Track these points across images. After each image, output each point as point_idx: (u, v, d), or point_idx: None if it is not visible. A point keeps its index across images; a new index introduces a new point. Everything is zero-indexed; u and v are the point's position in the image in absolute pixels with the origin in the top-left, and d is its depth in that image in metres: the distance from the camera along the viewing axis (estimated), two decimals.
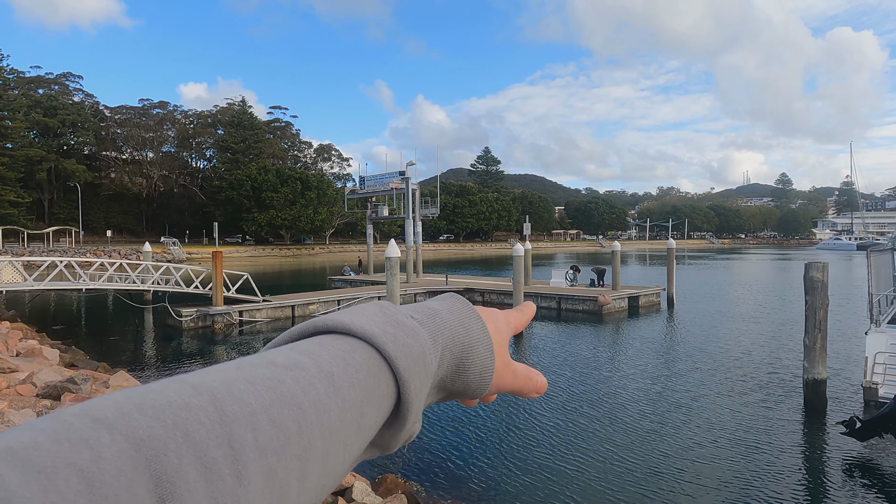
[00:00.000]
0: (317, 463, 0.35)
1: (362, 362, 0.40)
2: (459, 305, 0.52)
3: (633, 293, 27.68)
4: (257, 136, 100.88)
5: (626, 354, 17.55)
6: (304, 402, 0.35)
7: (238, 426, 0.31)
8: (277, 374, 0.36)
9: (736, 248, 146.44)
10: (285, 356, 0.38)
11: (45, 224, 78.82)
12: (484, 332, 0.51)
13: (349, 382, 0.39)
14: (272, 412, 0.33)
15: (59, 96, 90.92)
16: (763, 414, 11.48)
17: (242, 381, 0.34)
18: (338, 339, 0.41)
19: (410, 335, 0.44)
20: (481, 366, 0.50)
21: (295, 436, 0.34)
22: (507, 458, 9.42)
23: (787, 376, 14.27)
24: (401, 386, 0.42)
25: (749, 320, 23.96)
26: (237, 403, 0.32)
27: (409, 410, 0.42)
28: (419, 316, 0.48)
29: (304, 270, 61.80)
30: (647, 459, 9.22)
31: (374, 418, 0.40)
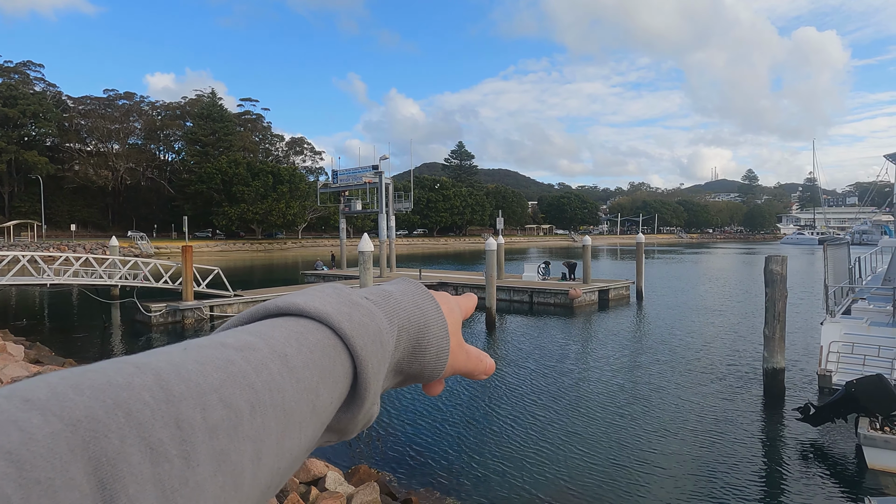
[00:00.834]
0: (271, 445, 0.34)
1: (317, 342, 0.39)
2: (413, 288, 0.52)
3: (603, 287, 28.19)
4: (227, 128, 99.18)
5: (594, 347, 17.93)
6: (256, 382, 0.34)
7: (186, 406, 0.30)
8: (228, 355, 0.34)
9: (704, 242, 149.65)
10: (235, 337, 0.37)
11: (4, 218, 76.36)
12: (438, 314, 0.51)
13: (303, 363, 0.38)
14: (223, 392, 0.32)
15: (20, 86, 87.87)
16: (724, 402, 11.91)
17: (190, 361, 0.32)
18: (290, 320, 0.41)
19: (366, 314, 0.43)
20: (437, 346, 0.50)
21: (248, 416, 0.32)
22: (475, 448, 9.60)
23: (748, 366, 14.79)
24: (358, 365, 0.41)
25: (714, 312, 24.65)
26: (185, 383, 0.31)
27: (367, 391, 0.42)
28: (373, 297, 0.48)
29: (276, 265, 61.15)
30: (610, 449, 9.50)
31: (329, 399, 0.39)
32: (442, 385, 0.55)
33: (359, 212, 40.50)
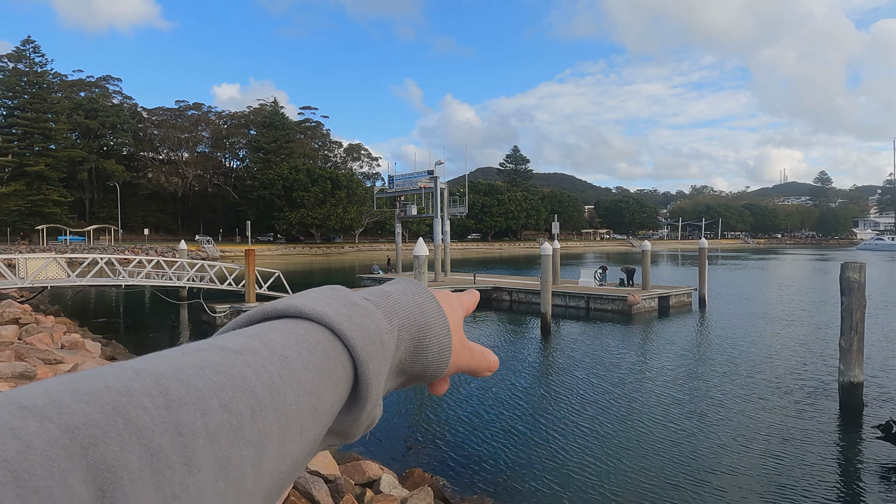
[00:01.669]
0: (273, 449, 0.33)
1: (317, 344, 0.39)
2: (413, 287, 0.52)
3: (663, 293, 27.32)
4: (288, 136, 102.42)
5: (652, 356, 17.37)
6: (257, 385, 0.34)
7: (186, 411, 0.29)
8: (227, 359, 0.34)
9: (772, 248, 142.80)
10: (234, 341, 0.36)
11: (86, 222, 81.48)
12: (439, 312, 0.50)
13: (304, 365, 0.37)
14: (223, 396, 0.31)
15: (100, 99, 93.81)
16: (797, 417, 11.27)
17: (189, 365, 0.32)
18: (290, 322, 0.40)
19: (366, 315, 0.43)
20: (439, 345, 0.49)
21: (248, 420, 0.32)
22: (526, 456, 9.46)
23: (820, 380, 13.95)
24: (358, 366, 0.41)
25: (782, 322, 23.43)
26: (184, 387, 0.30)
27: (368, 392, 0.41)
28: (373, 297, 0.47)
29: (334, 269, 62.61)
30: (666, 466, 9.16)
31: (331, 401, 0.39)
32: (446, 384, 0.54)
33: (414, 216, 40.89)
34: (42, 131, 75.96)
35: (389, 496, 5.98)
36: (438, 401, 12.69)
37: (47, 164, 74.12)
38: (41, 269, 20.10)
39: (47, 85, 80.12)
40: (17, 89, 75.63)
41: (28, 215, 72.11)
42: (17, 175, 73.97)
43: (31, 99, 75.46)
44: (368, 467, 6.67)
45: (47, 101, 78.02)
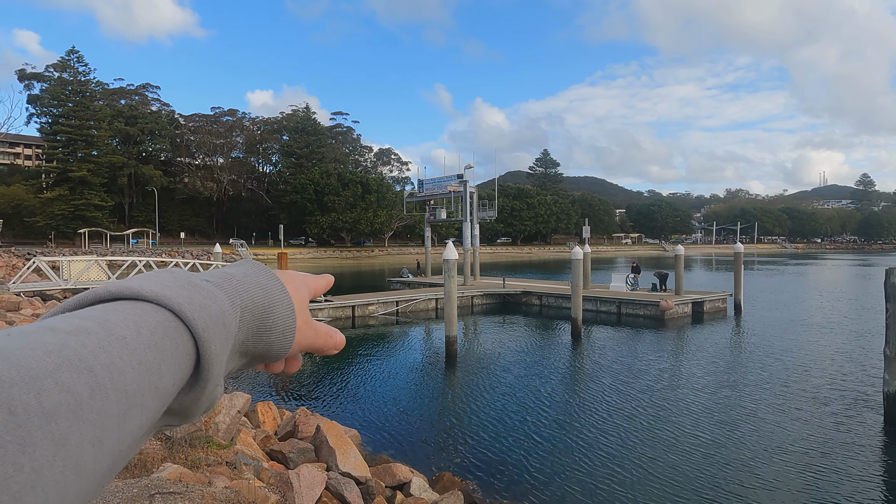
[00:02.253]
0: (113, 427, 0.32)
1: (157, 325, 0.39)
2: (256, 269, 0.52)
3: (697, 298, 26.78)
4: (320, 141, 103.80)
5: (687, 362, 17.02)
6: (94, 365, 0.33)
7: (18, 391, 0.28)
8: (60, 339, 0.33)
9: (811, 252, 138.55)
10: (66, 322, 0.35)
11: (125, 226, 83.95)
12: (283, 293, 0.50)
13: (144, 345, 0.37)
14: (58, 376, 0.31)
15: (139, 106, 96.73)
16: (838, 428, 10.90)
17: (18, 346, 0.31)
18: (125, 304, 0.39)
19: (207, 296, 0.43)
20: (283, 325, 0.49)
21: (87, 399, 0.31)
22: (560, 462, 9.37)
23: (865, 390, 13.46)
24: (200, 347, 0.40)
25: (822, 329, 22.70)
26: (14, 368, 0.29)
27: (209, 372, 0.41)
28: (214, 279, 0.47)
29: (364, 272, 63.13)
30: (707, 472, 8.96)
31: (172, 381, 0.39)
32: (297, 363, 0.56)
33: (443, 220, 40.99)
34: (85, 138, 78.59)
35: (420, 499, 5.99)
36: (469, 406, 12.68)
37: (89, 170, 76.64)
38: (84, 271, 20.78)
39: (90, 93, 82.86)
40: (62, 98, 78.45)
41: (71, 219, 74.62)
42: (62, 180, 76.67)
43: (74, 107, 78.16)
44: (399, 470, 6.69)
45: (90, 108, 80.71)
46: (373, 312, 26.51)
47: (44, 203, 74.00)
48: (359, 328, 23.90)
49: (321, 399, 13.38)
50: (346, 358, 18.16)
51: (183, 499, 4.00)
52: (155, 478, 4.37)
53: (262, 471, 5.35)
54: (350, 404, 12.92)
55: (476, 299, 30.36)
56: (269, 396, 13.20)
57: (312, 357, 18.51)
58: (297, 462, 5.87)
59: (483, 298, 30.62)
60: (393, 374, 15.70)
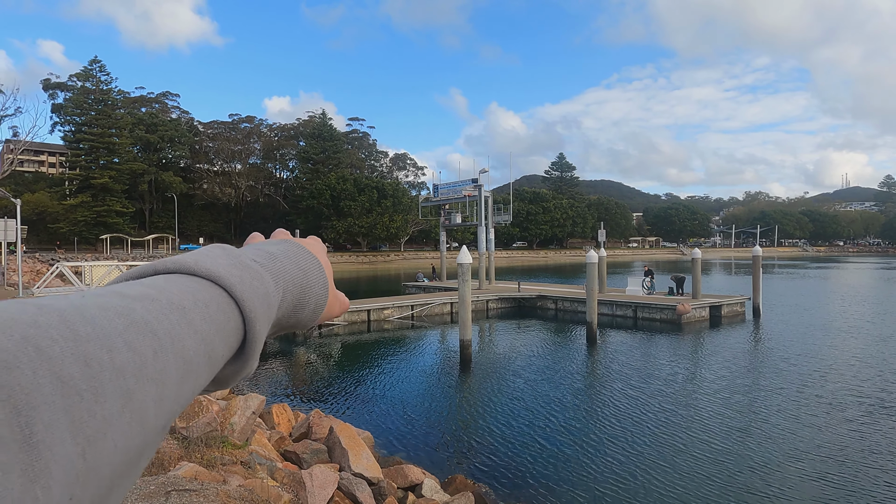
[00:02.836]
0: (172, 388, 0.35)
1: (211, 299, 0.42)
2: (296, 249, 0.55)
3: (714, 302, 26.51)
4: (336, 146, 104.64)
5: (704, 367, 16.86)
6: (158, 329, 0.36)
7: (93, 346, 0.31)
8: (128, 304, 0.36)
9: (833, 256, 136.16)
10: (134, 289, 0.38)
11: (145, 232, 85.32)
12: (320, 273, 0.55)
13: (200, 316, 0.39)
14: (127, 336, 0.33)
15: (159, 114, 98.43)
16: (854, 436, 10.73)
17: (92, 306, 0.34)
18: (183, 277, 0.42)
19: (255, 277, 0.46)
20: (315, 303, 0.53)
21: (151, 360, 0.34)
22: (574, 467, 9.35)
23: (883, 396, 13.24)
24: (248, 325, 0.43)
25: (844, 334, 22.33)
26: (90, 325, 0.32)
27: (253, 349, 0.44)
28: (261, 259, 0.50)
29: (380, 277, 63.40)
30: (722, 480, 8.89)
31: (222, 352, 0.41)
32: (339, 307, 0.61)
33: (458, 225, 41.05)
34: (107, 146, 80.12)
35: (431, 500, 6.05)
36: (482, 409, 12.71)
37: (111, 177, 78.09)
38: (105, 276, 21.18)
39: (112, 102, 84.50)
40: (85, 107, 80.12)
41: (93, 225, 76.04)
42: (84, 187, 78.22)
43: (97, 115, 79.76)
44: (411, 471, 6.75)
45: (112, 117, 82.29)
46: (388, 316, 26.64)
47: (67, 210, 75.54)
48: (374, 332, 24.03)
49: (336, 401, 13.50)
50: (362, 361, 18.28)
51: (198, 496, 4.10)
52: (171, 475, 4.48)
53: (276, 471, 5.45)
54: (364, 407, 13.01)
55: (491, 303, 30.36)
56: (284, 398, 13.35)
57: (329, 360, 18.66)
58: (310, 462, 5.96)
59: (498, 302, 30.61)
60: (407, 378, 15.77)
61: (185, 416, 5.55)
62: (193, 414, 5.58)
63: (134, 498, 3.98)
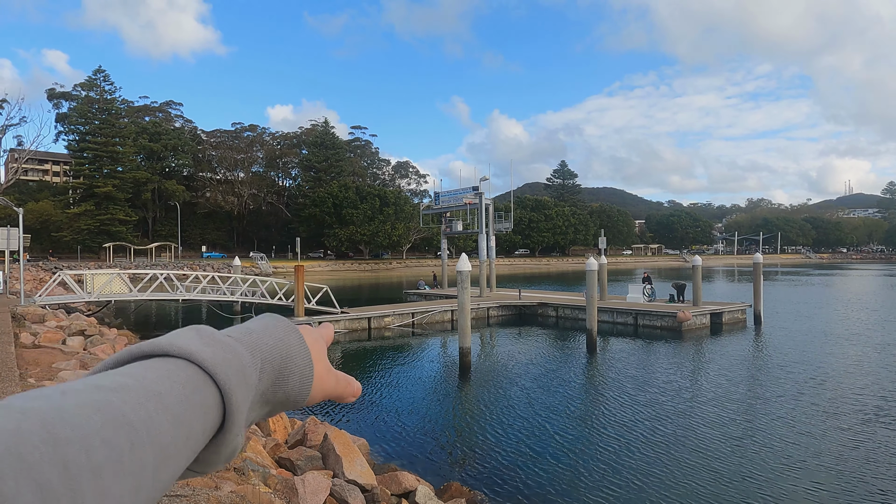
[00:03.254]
0: (149, 478, 0.36)
1: (187, 379, 0.42)
2: (274, 321, 0.56)
3: (715, 309, 26.48)
4: (339, 155, 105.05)
5: (703, 374, 16.85)
6: (134, 420, 0.37)
7: (71, 448, 0.32)
8: (105, 397, 0.37)
9: (836, 263, 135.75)
10: (110, 380, 0.39)
11: (149, 240, 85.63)
12: (301, 343, 0.54)
13: (176, 399, 0.40)
14: (104, 433, 0.35)
15: (163, 123, 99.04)
16: (851, 444, 10.72)
17: (71, 405, 0.35)
18: (158, 361, 0.43)
19: (229, 351, 0.47)
20: (300, 374, 0.53)
21: (128, 454, 0.35)
22: (572, 473, 9.35)
23: (880, 404, 13.20)
24: (225, 397, 0.44)
25: (844, 341, 22.28)
26: (69, 427, 0.33)
27: (233, 422, 0.45)
28: (235, 334, 0.51)
29: (382, 284, 63.43)
30: (717, 488, 8.89)
31: (201, 430, 0.42)
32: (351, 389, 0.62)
33: (460, 232, 41.12)
34: (110, 155, 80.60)
35: None
36: (480, 417, 12.71)
37: (115, 186, 78.49)
38: (106, 284, 21.29)
39: (115, 111, 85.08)
40: (89, 116, 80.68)
41: (97, 233, 76.36)
42: (88, 196, 78.63)
43: (101, 125, 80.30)
44: (405, 478, 6.78)
45: (115, 126, 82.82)
46: (389, 324, 26.67)
47: (70, 218, 75.90)
48: (375, 340, 24.05)
49: (334, 409, 13.52)
50: (361, 369, 18.30)
51: (189, 501, 4.14)
52: None
53: (269, 477, 5.48)
54: (362, 415, 13.04)
55: (492, 311, 30.37)
56: None
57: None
58: (304, 469, 6.00)
59: (499, 310, 30.62)
60: (406, 386, 15.79)
61: None
62: None
63: None
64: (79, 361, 9.73)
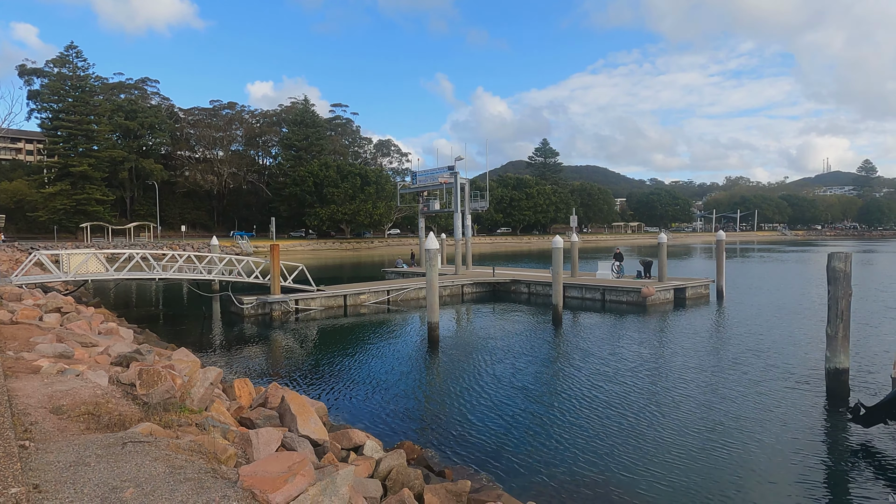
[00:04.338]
0: None
1: None
2: None
3: (679, 285, 27.51)
4: (319, 133, 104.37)
5: (658, 346, 17.79)
6: None
7: None
8: None
9: (811, 240, 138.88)
10: None
11: (127, 220, 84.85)
12: None
13: None
14: None
15: (139, 100, 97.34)
16: (785, 403, 11.67)
17: None
18: None
19: None
20: None
21: None
22: (527, 436, 10.15)
23: (818, 366, 14.22)
24: None
25: (797, 314, 23.42)
26: None
27: None
28: None
29: (364, 263, 63.95)
30: (664, 444, 9.74)
31: None
32: None
33: (437, 211, 41.65)
34: (85, 133, 79.34)
35: (370, 458, 6.78)
36: (443, 387, 13.48)
37: (90, 165, 77.43)
38: (82, 264, 21.59)
39: (90, 88, 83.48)
40: (62, 93, 79.14)
41: (73, 213, 75.52)
42: (63, 175, 77.50)
43: (74, 102, 78.85)
44: (355, 435, 7.48)
45: (90, 103, 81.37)
46: (364, 301, 27.33)
47: (46, 198, 74.89)
48: (351, 317, 24.70)
49: (303, 379, 14.19)
50: (334, 343, 18.97)
51: (150, 446, 4.79)
52: (130, 432, 5.17)
53: (229, 432, 6.13)
54: (328, 384, 13.73)
55: (466, 288, 31.15)
56: (255, 378, 14.03)
57: (303, 343, 19.33)
58: (262, 426, 6.65)
59: (473, 287, 31.41)
60: (377, 359, 16.51)
61: (145, 384, 6.20)
62: (153, 383, 6.24)
63: (94, 448, 4.67)
64: (55, 336, 10.24)
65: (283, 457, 4.08)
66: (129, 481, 3.92)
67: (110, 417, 5.53)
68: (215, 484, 3.95)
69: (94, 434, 5.11)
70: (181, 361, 9.04)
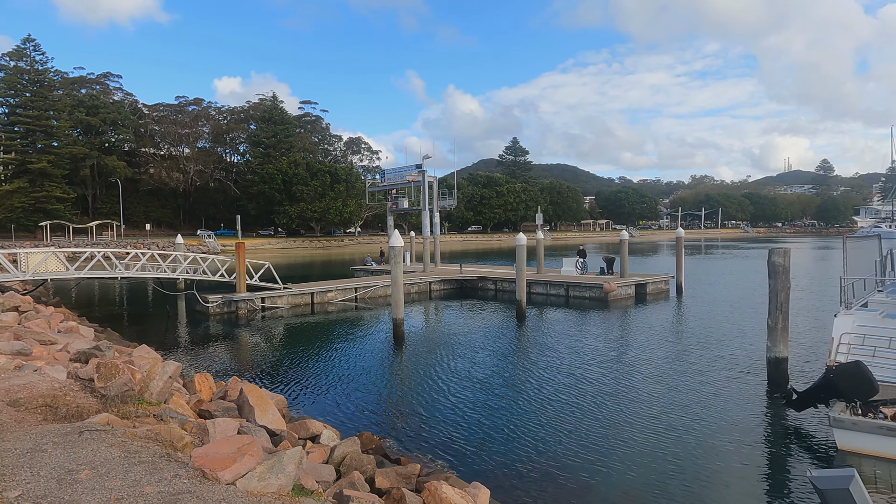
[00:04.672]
0: None
1: None
2: None
3: (640, 281, 28.33)
4: (288, 130, 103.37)
5: (614, 340, 18.43)
6: None
7: None
8: None
9: (771, 237, 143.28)
10: None
11: (89, 218, 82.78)
12: None
13: None
14: None
15: (101, 95, 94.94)
16: (728, 390, 12.33)
17: None
18: None
19: None
20: None
21: None
22: (479, 425, 10.54)
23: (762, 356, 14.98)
24: None
25: (749, 307, 24.38)
26: None
27: None
28: None
29: (334, 261, 63.73)
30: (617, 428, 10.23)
31: None
32: None
33: (406, 209, 41.85)
34: (44, 129, 77.16)
35: (325, 446, 7.05)
36: (406, 382, 13.79)
37: (49, 162, 75.33)
38: (41, 263, 21.24)
39: (48, 83, 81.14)
40: (19, 88, 76.76)
41: (31, 212, 73.40)
42: (21, 172, 75.24)
43: (32, 97, 76.59)
44: (312, 425, 7.74)
45: (48, 98, 79.15)
46: (332, 299, 27.43)
47: (2, 196, 72.60)
48: (318, 314, 24.79)
49: (266, 375, 14.33)
50: (300, 340, 19.10)
51: (107, 435, 4.99)
52: (87, 422, 5.35)
53: (187, 423, 6.33)
54: (292, 379, 13.91)
55: (434, 285, 31.48)
56: (219, 374, 14.11)
57: (270, 340, 19.40)
58: (220, 417, 6.86)
59: (441, 284, 31.76)
60: (341, 355, 16.72)
61: (103, 377, 6.35)
62: (111, 376, 6.39)
63: (51, 437, 4.86)
64: (13, 334, 10.22)
65: (234, 440, 4.35)
66: (85, 464, 4.14)
67: (68, 409, 5.70)
68: (168, 465, 4.21)
69: (51, 424, 5.29)
70: (142, 358, 9.15)
